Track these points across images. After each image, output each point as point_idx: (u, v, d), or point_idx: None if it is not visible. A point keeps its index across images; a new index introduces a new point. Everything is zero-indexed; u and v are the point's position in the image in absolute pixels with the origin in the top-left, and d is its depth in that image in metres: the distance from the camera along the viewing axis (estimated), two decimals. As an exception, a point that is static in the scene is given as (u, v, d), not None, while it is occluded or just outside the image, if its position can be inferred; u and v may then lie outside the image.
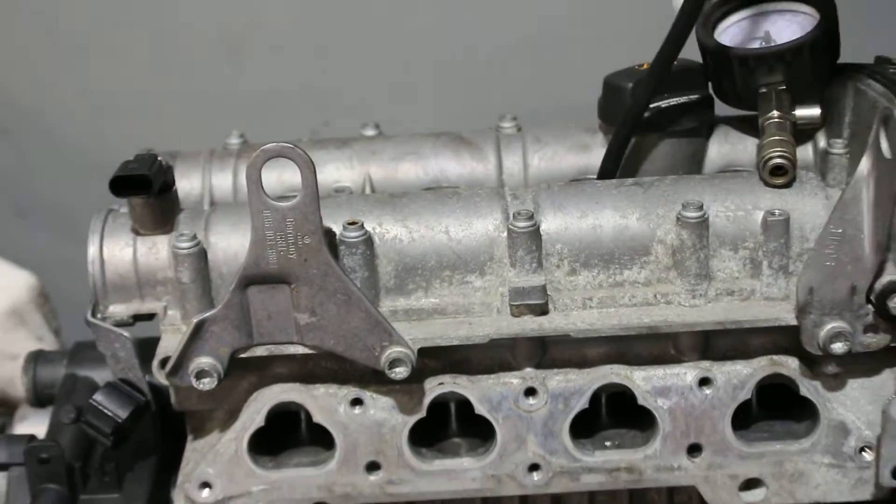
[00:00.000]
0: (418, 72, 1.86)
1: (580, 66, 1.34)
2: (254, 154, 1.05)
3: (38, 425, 1.35)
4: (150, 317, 1.16)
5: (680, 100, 1.23)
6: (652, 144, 1.23)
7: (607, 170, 1.23)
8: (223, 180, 1.29)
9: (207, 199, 1.28)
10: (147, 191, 1.12)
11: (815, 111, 1.19)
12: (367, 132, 1.35)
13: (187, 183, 1.28)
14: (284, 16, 1.84)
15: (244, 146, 1.33)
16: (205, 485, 1.15)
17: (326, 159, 1.29)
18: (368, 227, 1.12)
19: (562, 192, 1.16)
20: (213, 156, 1.31)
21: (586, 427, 1.16)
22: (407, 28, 1.84)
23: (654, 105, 1.22)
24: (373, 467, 1.14)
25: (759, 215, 1.13)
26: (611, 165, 1.23)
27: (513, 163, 1.29)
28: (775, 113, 1.16)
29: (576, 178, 1.27)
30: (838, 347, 1.10)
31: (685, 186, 1.16)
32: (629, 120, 1.21)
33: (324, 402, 1.14)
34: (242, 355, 1.11)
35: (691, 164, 1.25)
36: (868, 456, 1.14)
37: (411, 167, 1.29)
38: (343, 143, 1.32)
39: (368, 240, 1.12)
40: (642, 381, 1.13)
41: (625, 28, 1.79)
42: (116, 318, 1.16)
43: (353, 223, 1.12)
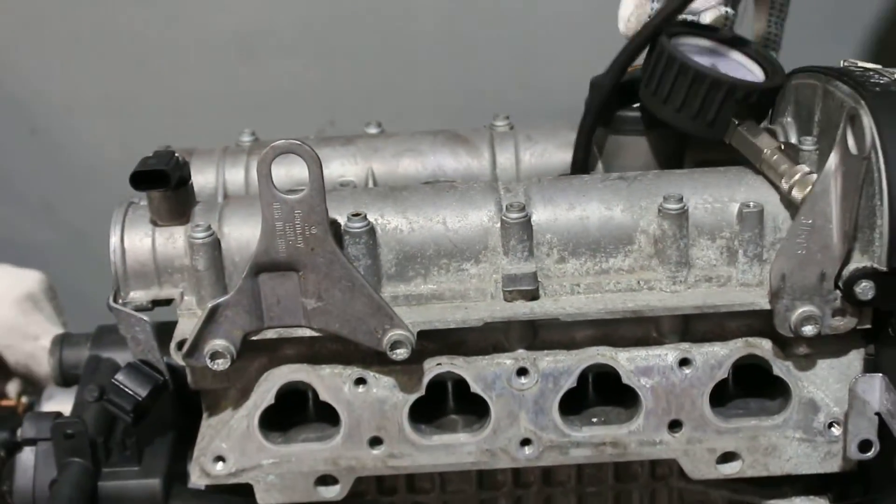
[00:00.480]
0: (418, 74, 1.86)
1: (569, 69, 1.33)
2: (264, 151, 1.05)
3: (64, 403, 1.35)
4: (168, 302, 1.16)
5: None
6: (634, 142, 1.24)
7: (577, 166, 1.23)
8: (236, 175, 1.29)
9: (221, 193, 1.28)
10: (165, 185, 1.12)
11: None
12: (370, 130, 1.35)
13: (202, 177, 1.28)
14: (293, 23, 1.84)
15: (255, 143, 1.33)
16: (219, 458, 1.15)
17: (332, 155, 1.29)
18: (371, 218, 1.13)
19: (551, 185, 1.16)
20: (226, 152, 1.31)
21: (574, 404, 1.16)
22: (408, 34, 1.84)
23: (637, 106, 1.22)
24: (375, 442, 1.15)
25: (735, 207, 1.13)
26: (580, 161, 1.23)
27: (506, 159, 1.29)
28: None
29: (564, 173, 1.27)
30: (808, 330, 1.10)
31: (666, 180, 1.16)
32: (592, 109, 1.22)
33: (330, 382, 1.14)
34: (254, 338, 1.11)
35: (672, 160, 1.25)
36: (836, 431, 1.14)
37: (411, 163, 1.29)
38: (348, 140, 1.32)
39: (371, 230, 1.12)
40: (626, 361, 1.13)
41: (612, 33, 1.79)
42: (136, 304, 1.16)
43: (356, 215, 1.12)
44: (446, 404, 1.19)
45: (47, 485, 1.21)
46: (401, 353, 1.09)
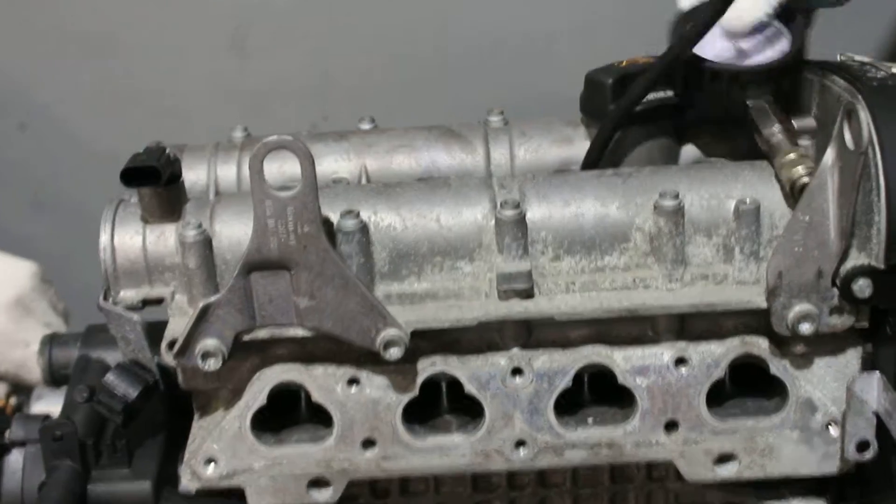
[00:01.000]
0: (411, 69, 1.86)
1: (563, 63, 1.33)
2: (256, 147, 1.05)
3: (53, 404, 1.35)
4: (159, 301, 1.16)
5: (657, 95, 1.23)
6: (631, 137, 1.23)
7: (591, 161, 1.23)
8: (228, 172, 1.29)
9: (213, 190, 1.28)
10: (156, 182, 1.12)
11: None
12: (364, 126, 1.35)
13: (194, 174, 1.28)
14: (286, 18, 1.84)
15: (247, 139, 1.33)
16: (210, 460, 1.15)
17: (325, 152, 1.29)
18: (364, 215, 1.13)
19: (546, 182, 1.16)
20: (218, 148, 1.31)
21: (570, 405, 1.16)
22: (401, 28, 1.84)
23: (633, 100, 1.22)
24: (368, 443, 1.15)
25: (732, 204, 1.13)
26: (595, 157, 1.23)
27: (500, 155, 1.28)
28: (778, 127, 1.15)
29: (559, 169, 1.27)
30: (806, 328, 1.10)
31: (662, 177, 1.16)
32: (618, 114, 1.20)
33: (322, 382, 1.14)
34: (245, 337, 1.11)
35: (668, 156, 1.25)
36: (834, 431, 1.14)
37: (405, 159, 1.29)
38: (341, 136, 1.31)
39: (364, 228, 1.12)
40: (622, 360, 1.14)
41: (606, 27, 1.79)
42: (127, 303, 1.16)
43: (349, 212, 1.12)
44: (440, 405, 1.19)
45: (36, 487, 1.21)
46: (394, 353, 1.09)
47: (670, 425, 1.14)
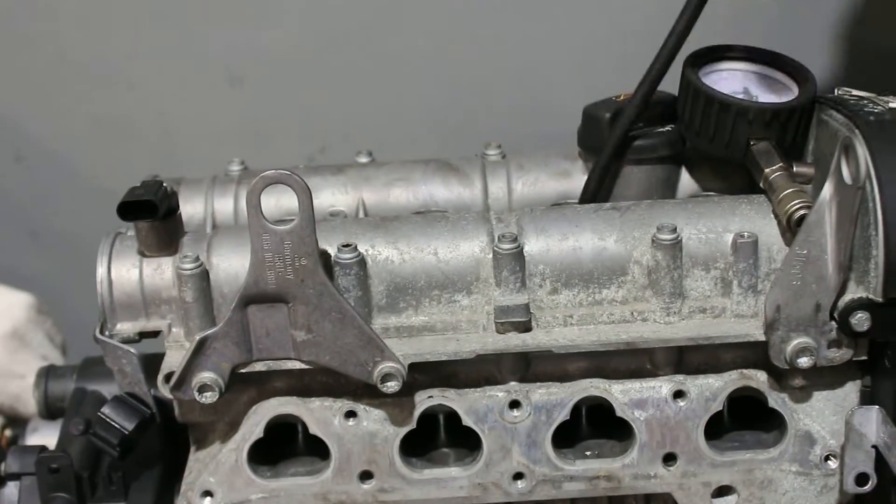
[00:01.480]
0: (409, 102, 1.87)
1: (561, 97, 1.34)
2: (254, 181, 1.05)
3: (48, 437, 1.35)
4: (156, 334, 1.16)
5: (655, 129, 1.24)
6: (628, 171, 1.24)
7: (588, 195, 1.24)
8: (225, 205, 1.29)
9: (210, 223, 1.28)
10: (153, 215, 1.12)
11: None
12: (361, 159, 1.35)
13: (191, 207, 1.28)
14: (283, 51, 1.85)
15: (245, 173, 1.33)
16: (206, 493, 1.15)
17: (322, 185, 1.29)
18: (362, 249, 1.13)
19: (544, 215, 1.16)
20: (215, 182, 1.31)
21: (568, 437, 1.16)
22: (398, 61, 1.84)
23: (631, 135, 1.23)
24: (366, 476, 1.14)
25: (730, 237, 1.13)
26: (592, 191, 1.23)
27: (498, 188, 1.29)
28: (779, 165, 1.15)
29: (557, 203, 1.27)
30: (804, 362, 1.10)
31: (660, 210, 1.16)
32: (610, 149, 1.21)
33: (319, 415, 1.14)
34: (242, 370, 1.11)
35: (665, 190, 1.25)
36: (833, 464, 1.14)
37: (402, 192, 1.29)
38: (338, 169, 1.32)
39: (362, 261, 1.12)
40: (620, 393, 1.13)
41: (604, 62, 1.79)
42: (123, 336, 1.16)
43: (347, 245, 1.12)
44: (438, 437, 1.18)
45: (32, 520, 1.20)
46: (392, 386, 1.09)
47: (668, 458, 1.14)
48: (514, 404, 1.13)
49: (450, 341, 1.12)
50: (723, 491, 1.16)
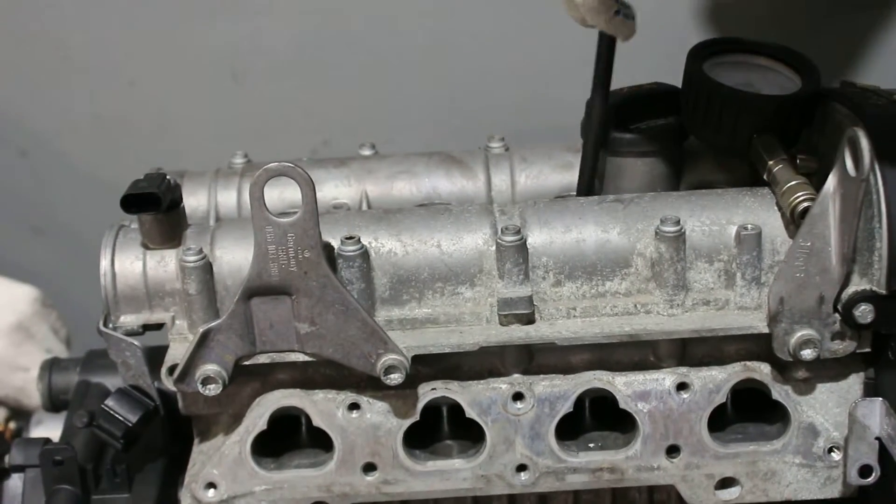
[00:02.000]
0: (412, 94, 1.86)
1: (565, 89, 1.33)
2: (257, 173, 1.05)
3: (52, 429, 1.35)
4: (159, 326, 1.16)
5: (658, 122, 1.23)
6: (631, 164, 1.24)
7: (583, 190, 1.24)
8: (228, 198, 1.29)
9: (213, 216, 1.28)
10: (156, 208, 1.12)
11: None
12: (364, 152, 1.35)
13: (194, 200, 1.28)
14: (286, 44, 1.85)
15: (248, 165, 1.33)
16: (210, 485, 1.15)
17: (325, 178, 1.29)
18: (365, 241, 1.13)
19: (547, 208, 1.16)
20: (218, 174, 1.31)
21: (571, 429, 1.16)
22: (401, 53, 1.84)
23: (634, 127, 1.23)
24: (369, 468, 1.14)
25: (733, 230, 1.13)
26: (585, 185, 1.23)
27: (501, 181, 1.29)
28: (783, 157, 1.14)
29: (560, 195, 1.27)
30: (807, 354, 1.10)
31: (663, 202, 1.16)
32: (591, 137, 1.22)
33: (323, 407, 1.14)
34: (246, 363, 1.11)
35: (668, 182, 1.25)
36: (836, 456, 1.14)
37: (405, 185, 1.29)
38: (341, 162, 1.32)
39: (365, 253, 1.12)
40: (623, 386, 1.13)
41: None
42: (127, 328, 1.16)
43: (350, 238, 1.12)
44: (441, 430, 1.18)
45: (36, 512, 1.21)
46: (395, 378, 1.09)
47: (672, 450, 1.14)
48: (518, 396, 1.13)
49: (453, 333, 1.12)
50: (726, 483, 1.16)
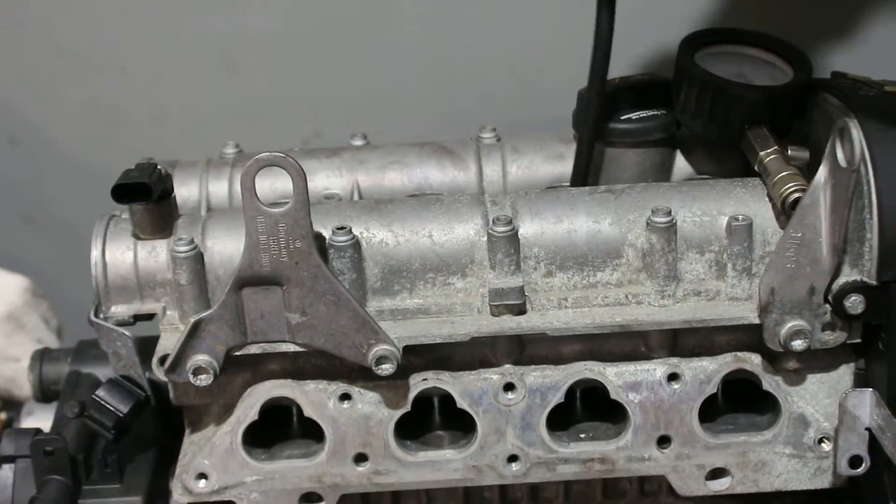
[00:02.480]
0: (404, 85, 1.86)
1: (556, 80, 1.33)
2: (248, 163, 1.05)
3: (43, 420, 1.35)
4: (150, 317, 1.16)
5: (649, 113, 1.23)
6: (623, 155, 1.24)
7: (577, 178, 1.24)
8: (219, 188, 1.29)
9: (204, 206, 1.28)
10: (147, 198, 1.12)
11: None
12: (356, 142, 1.35)
13: (185, 190, 1.28)
14: (277, 33, 1.84)
15: (239, 155, 1.33)
16: (201, 476, 1.15)
17: (317, 168, 1.29)
18: (356, 231, 1.12)
19: (538, 198, 1.16)
20: (209, 164, 1.31)
21: (562, 420, 1.16)
22: (393, 44, 1.84)
23: (625, 118, 1.23)
24: (360, 458, 1.14)
25: (724, 220, 1.13)
26: (581, 175, 1.23)
27: (492, 171, 1.29)
28: (774, 148, 1.14)
29: (552, 186, 1.27)
30: (798, 344, 1.10)
31: (654, 193, 1.16)
32: (588, 130, 1.21)
33: (314, 397, 1.14)
34: (237, 353, 1.11)
35: (660, 173, 1.25)
36: (826, 446, 1.14)
37: (397, 175, 1.29)
38: (332, 152, 1.31)
39: (356, 244, 1.12)
40: (614, 376, 1.13)
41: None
42: (118, 318, 1.15)
43: (341, 228, 1.12)
44: (432, 420, 1.18)
45: (26, 503, 1.20)
46: (386, 369, 1.08)
47: (663, 441, 1.14)
48: (509, 387, 1.13)
49: (444, 324, 1.12)
50: (717, 473, 1.16)
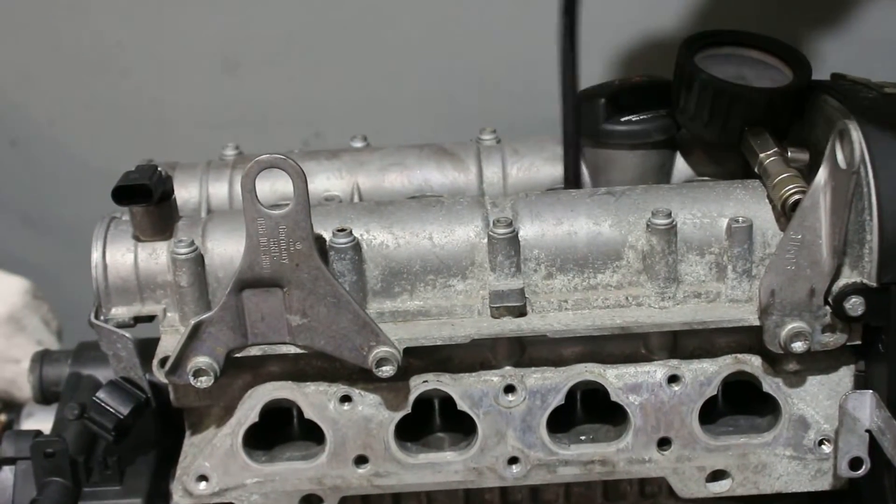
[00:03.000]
0: (404, 86, 1.86)
1: (556, 81, 1.33)
2: (248, 165, 1.05)
3: (44, 422, 1.35)
4: (151, 318, 1.16)
5: (649, 115, 1.23)
6: (622, 156, 1.24)
7: (569, 178, 1.24)
8: (219, 189, 1.29)
9: (205, 208, 1.28)
10: (147, 200, 1.12)
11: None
12: (356, 144, 1.35)
13: (186, 192, 1.28)
14: (278, 35, 1.84)
15: (239, 157, 1.32)
16: (202, 478, 1.15)
17: (317, 170, 1.29)
18: (356, 233, 1.13)
19: (539, 200, 1.16)
20: (210, 166, 1.31)
21: (562, 422, 1.16)
22: (394, 46, 1.84)
23: (625, 119, 1.23)
24: (361, 460, 1.14)
25: (724, 222, 1.13)
26: (572, 177, 1.23)
27: (492, 173, 1.29)
28: (774, 150, 1.14)
29: (552, 188, 1.27)
30: (798, 346, 1.10)
31: (654, 195, 1.16)
32: (569, 132, 1.22)
33: (314, 399, 1.14)
34: (237, 355, 1.11)
35: (660, 175, 1.25)
36: (827, 448, 1.14)
37: (397, 177, 1.29)
38: (333, 154, 1.32)
39: (356, 246, 1.12)
40: (615, 378, 1.13)
41: (600, 46, 1.79)
42: (118, 320, 1.15)
43: (342, 230, 1.12)
44: (433, 422, 1.18)
45: (27, 505, 1.20)
46: (387, 371, 1.09)
47: (663, 443, 1.14)
48: (509, 389, 1.13)
49: (445, 326, 1.12)
50: (717, 475, 1.16)
